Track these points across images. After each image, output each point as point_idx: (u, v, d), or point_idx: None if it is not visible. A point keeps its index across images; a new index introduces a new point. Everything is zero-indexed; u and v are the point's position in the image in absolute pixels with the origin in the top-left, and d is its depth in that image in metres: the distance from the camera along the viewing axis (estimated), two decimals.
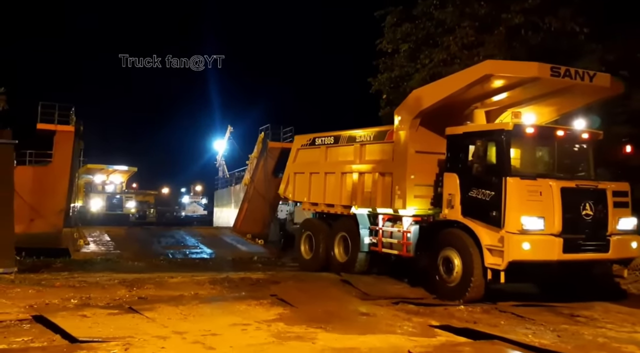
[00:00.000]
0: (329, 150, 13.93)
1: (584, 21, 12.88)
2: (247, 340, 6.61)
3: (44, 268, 14.64)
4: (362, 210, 12.40)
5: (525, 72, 9.70)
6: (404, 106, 11.45)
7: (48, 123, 23.63)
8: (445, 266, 10.01)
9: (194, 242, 25.06)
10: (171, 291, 10.19)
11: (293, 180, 15.28)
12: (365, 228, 12.36)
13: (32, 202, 22.28)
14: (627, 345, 6.95)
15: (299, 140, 15.48)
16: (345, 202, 12.98)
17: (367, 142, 12.62)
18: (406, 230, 11.21)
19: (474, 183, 9.76)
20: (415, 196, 11.06)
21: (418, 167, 11.09)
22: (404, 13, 17.13)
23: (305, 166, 14.77)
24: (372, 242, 12.29)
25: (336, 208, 13.35)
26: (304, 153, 15.03)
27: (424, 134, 11.13)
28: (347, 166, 13.07)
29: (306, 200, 14.65)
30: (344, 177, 13.13)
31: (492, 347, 6.60)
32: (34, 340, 6.40)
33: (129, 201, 42.62)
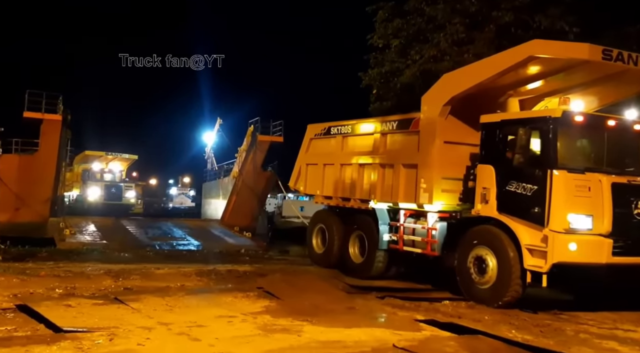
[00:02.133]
0: (345, 140, 13.01)
1: (574, 20, 12.98)
2: (233, 332, 6.62)
3: (29, 257, 14.53)
4: (382, 204, 11.61)
5: (574, 53, 8.79)
6: (433, 91, 10.57)
7: (35, 111, 23.35)
8: (477, 266, 9.27)
9: (182, 233, 24.95)
10: (157, 282, 10.17)
11: (305, 171, 14.38)
12: (385, 225, 11.47)
13: (17, 190, 22.08)
14: (608, 341, 7.06)
15: (312, 129, 14.36)
16: (362, 196, 12.12)
17: (389, 131, 11.67)
18: (431, 227, 10.46)
19: (513, 176, 8.95)
20: (443, 190, 10.29)
21: (446, 159, 10.29)
22: (395, 8, 17.13)
23: (319, 157, 13.88)
24: (392, 239, 11.41)
25: (352, 202, 12.45)
26: (318, 143, 14.07)
27: (453, 123, 10.29)
28: (365, 157, 12.20)
29: (319, 193, 13.73)
30: (362, 169, 12.23)
31: (475, 341, 6.67)
32: (18, 330, 6.36)
33: (129, 191, 40.30)
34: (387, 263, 11.65)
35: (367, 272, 11.66)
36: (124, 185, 40.03)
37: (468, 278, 9.40)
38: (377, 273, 11.61)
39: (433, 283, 10.97)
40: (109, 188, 38.89)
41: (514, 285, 8.71)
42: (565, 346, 6.62)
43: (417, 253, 10.88)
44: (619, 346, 6.88)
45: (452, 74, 10.54)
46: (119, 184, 39.74)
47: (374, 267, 11.61)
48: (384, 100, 17.45)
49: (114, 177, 40.27)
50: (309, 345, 6.14)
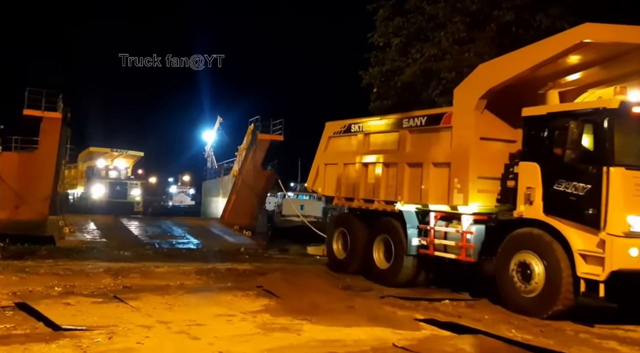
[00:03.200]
0: (367, 138, 12.17)
1: (575, 20, 12.94)
2: (232, 330, 6.61)
3: (28, 255, 14.52)
4: (409, 206, 10.78)
5: (634, 37, 8.02)
6: (468, 84, 9.86)
7: (35, 109, 23.34)
8: (520, 273, 8.50)
9: (181, 232, 24.96)
10: (157, 281, 10.17)
11: (323, 172, 13.51)
12: (413, 228, 10.63)
13: (17, 188, 22.07)
14: (608, 340, 7.05)
15: (331, 127, 13.57)
16: (387, 197, 11.30)
17: (417, 127, 10.83)
18: (466, 231, 9.61)
19: (562, 174, 8.16)
20: (479, 190, 9.50)
21: (482, 157, 9.56)
22: (396, 7, 17.12)
23: (339, 156, 13.01)
24: (421, 244, 10.52)
25: (376, 204, 11.58)
26: (337, 141, 13.22)
27: (489, 118, 9.58)
28: (390, 156, 11.40)
29: (339, 195, 12.85)
30: (387, 168, 11.43)
31: (475, 341, 6.65)
32: (17, 327, 6.35)
33: (134, 188, 38.77)
34: (416, 269, 10.79)
35: (394, 279, 10.80)
36: (129, 182, 38.91)
37: (510, 286, 8.60)
38: (404, 279, 10.74)
39: (470, 292, 10.12)
40: (113, 185, 37.65)
41: (565, 293, 7.92)
42: (565, 346, 6.60)
43: (449, 259, 10.02)
44: (618, 346, 6.87)
45: (489, 64, 9.71)
46: (124, 182, 38.65)
47: (401, 273, 10.74)
48: (385, 99, 17.44)
49: (119, 175, 39.18)
50: (308, 344, 6.13)
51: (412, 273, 10.77)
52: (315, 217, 35.93)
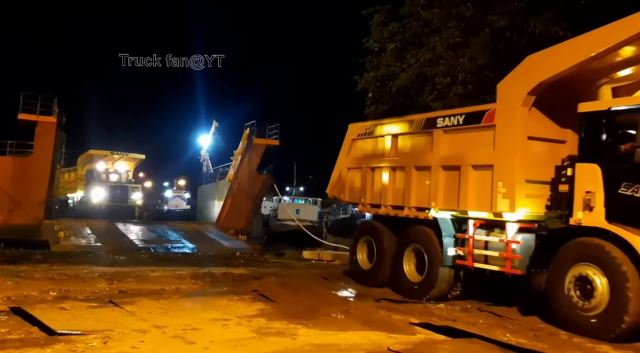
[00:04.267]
0: (396, 140, 11.31)
1: (568, 25, 13.04)
2: (228, 335, 6.61)
3: (23, 260, 14.49)
4: (444, 213, 9.94)
5: None
6: (514, 77, 8.96)
7: (30, 113, 23.33)
8: (579, 289, 7.65)
9: (177, 236, 24.96)
10: (152, 285, 10.15)
11: (346, 177, 12.64)
12: (450, 237, 9.75)
13: (12, 193, 22.05)
14: (601, 345, 7.07)
15: (354, 129, 12.71)
16: (419, 204, 10.45)
17: (454, 127, 9.96)
18: (512, 240, 8.73)
19: (629, 176, 7.34)
20: (527, 195, 8.69)
21: (530, 158, 8.78)
22: (391, 12, 17.20)
23: (363, 160, 12.12)
24: (458, 255, 9.63)
25: (406, 211, 10.70)
26: (362, 144, 12.38)
27: (537, 115, 8.82)
28: (423, 158, 10.54)
29: (364, 201, 11.94)
30: (418, 172, 10.57)
31: (470, 345, 6.67)
32: (11, 332, 6.34)
33: (135, 192, 37.94)
34: (452, 281, 9.91)
35: (427, 292, 9.90)
36: (130, 186, 38.16)
37: (566, 302, 7.74)
38: (439, 293, 9.87)
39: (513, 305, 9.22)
40: (114, 189, 36.84)
41: (634, 311, 7.06)
42: (559, 350, 6.63)
43: (491, 271, 9.11)
44: (612, 350, 6.88)
45: (540, 54, 8.65)
46: (124, 185, 37.87)
47: (435, 287, 9.84)
48: (380, 104, 17.50)
49: (120, 178, 38.33)
50: (303, 348, 6.13)
51: (448, 286, 9.90)
52: (310, 222, 35.98)
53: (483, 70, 14.61)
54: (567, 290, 7.76)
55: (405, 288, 10.46)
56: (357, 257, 12.01)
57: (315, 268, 15.73)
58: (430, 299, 9.72)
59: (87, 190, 36.80)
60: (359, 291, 10.59)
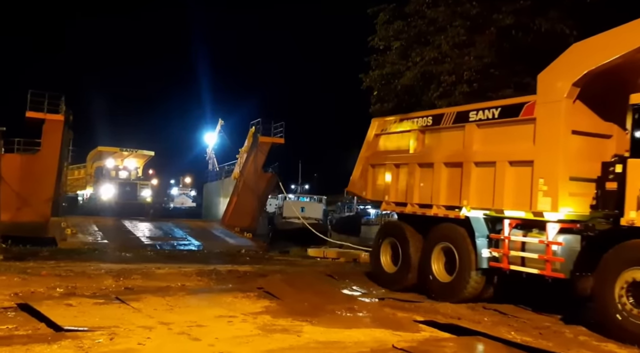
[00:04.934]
0: (425, 135, 10.84)
1: (574, 23, 12.99)
2: (233, 331, 6.65)
3: (30, 256, 14.60)
4: (477, 212, 9.45)
5: None
6: (558, 67, 8.38)
7: (37, 111, 23.46)
8: (632, 295, 7.17)
9: (182, 234, 25.05)
10: (158, 282, 10.22)
11: (369, 174, 12.10)
12: (483, 237, 9.27)
13: (19, 190, 22.17)
14: (607, 343, 7.07)
15: (378, 123, 12.14)
16: (449, 202, 10.00)
17: (488, 121, 9.43)
18: (552, 241, 8.22)
19: None
20: (570, 194, 8.17)
21: (574, 154, 8.27)
22: (396, 11, 17.17)
23: (388, 156, 11.60)
24: (492, 256, 9.16)
25: (435, 209, 10.24)
26: (387, 140, 11.87)
27: (581, 108, 8.30)
28: (453, 154, 10.05)
29: (388, 199, 11.43)
30: (448, 169, 10.08)
31: (475, 343, 6.68)
32: (19, 328, 6.40)
33: (145, 189, 37.12)
34: (484, 283, 9.47)
35: (459, 294, 9.46)
36: (139, 183, 37.42)
37: (616, 310, 7.25)
38: (470, 295, 9.42)
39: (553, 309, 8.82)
40: (123, 186, 36.08)
41: None
42: (564, 348, 6.62)
43: (528, 274, 8.62)
44: (617, 348, 6.88)
45: (587, 42, 8.11)
46: (133, 182, 37.16)
47: (467, 288, 9.39)
48: (385, 102, 17.49)
49: (129, 175, 37.64)
50: (308, 346, 6.16)
51: (480, 287, 9.43)
52: (315, 219, 36.03)
53: (488, 68, 14.58)
54: (618, 297, 7.23)
55: (433, 289, 9.97)
56: (381, 260, 11.42)
57: (320, 265, 15.78)
58: (460, 301, 9.26)
59: (96, 187, 36.34)
60: (364, 289, 10.60)
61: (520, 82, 13.43)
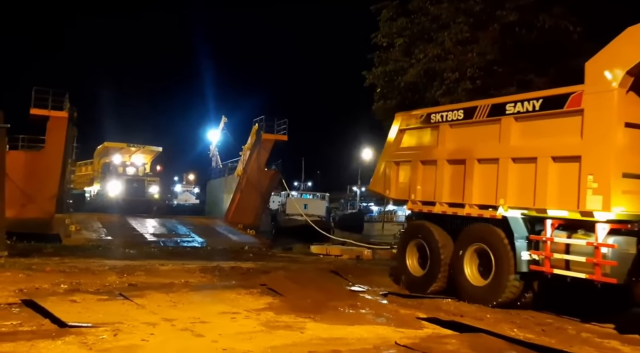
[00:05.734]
0: (455, 131, 10.19)
1: (577, 20, 12.95)
2: (236, 328, 6.67)
3: (35, 253, 14.67)
4: (514, 211, 8.84)
5: None
6: (610, 54, 7.77)
7: (41, 108, 23.52)
8: None
9: (186, 230, 25.13)
10: (161, 278, 10.26)
11: (392, 171, 11.50)
12: (522, 239, 8.62)
13: (24, 187, 22.26)
14: (609, 340, 7.07)
15: (403, 118, 11.50)
16: (483, 201, 9.41)
17: (528, 114, 8.79)
18: (603, 243, 7.59)
19: None
20: (623, 191, 7.57)
21: (627, 149, 7.65)
22: (399, 7, 17.12)
23: (414, 153, 11.00)
24: (533, 259, 8.51)
25: (467, 209, 9.65)
26: (412, 135, 11.25)
27: (635, 99, 7.72)
28: (488, 150, 9.43)
29: (414, 198, 10.86)
30: (482, 165, 9.49)
31: (477, 339, 6.68)
32: (23, 324, 6.43)
33: (152, 185, 36.77)
34: (523, 287, 8.84)
35: (494, 298, 8.86)
36: (146, 179, 37.07)
37: None
38: (507, 300, 8.83)
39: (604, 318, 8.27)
40: (130, 183, 35.75)
41: None
42: (567, 344, 6.62)
43: (573, 279, 7.99)
44: (620, 345, 6.88)
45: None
46: (141, 178, 36.77)
47: (504, 293, 8.79)
48: (388, 99, 17.47)
49: (137, 171, 37.25)
50: (311, 342, 6.17)
51: (518, 292, 8.82)
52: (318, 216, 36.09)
53: (492, 65, 14.54)
54: None
55: (466, 293, 9.35)
56: (407, 263, 10.78)
57: (323, 262, 15.81)
58: (497, 306, 8.72)
59: (104, 183, 35.94)
60: (367, 286, 10.61)
61: (524, 79, 13.40)
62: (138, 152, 38.09)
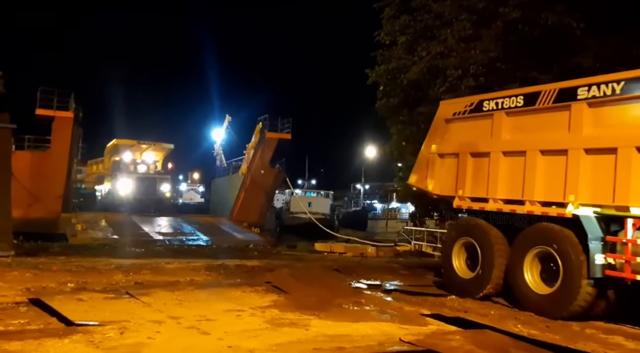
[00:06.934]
0: (513, 119, 9.29)
1: (581, 17, 12.92)
2: (242, 325, 6.71)
3: (42, 252, 14.76)
4: (587, 209, 7.95)
5: None
6: None
7: (47, 108, 23.64)
8: None
9: (191, 229, 25.21)
10: (167, 277, 10.31)
11: (436, 165, 10.67)
12: (597, 241, 7.68)
13: (30, 187, 22.38)
14: (614, 336, 7.08)
15: (448, 107, 10.68)
16: (547, 197, 8.49)
17: (605, 98, 7.89)
18: None
19: None
20: None
21: None
22: (402, 5, 17.13)
23: (462, 144, 10.14)
24: (608, 264, 7.62)
25: (528, 206, 8.72)
26: (460, 125, 10.33)
27: None
28: (554, 140, 8.48)
29: (462, 194, 10.00)
30: (546, 157, 8.56)
31: (481, 336, 6.70)
32: (31, 323, 6.48)
33: (164, 183, 35.84)
34: (596, 296, 7.89)
35: (563, 309, 7.92)
36: (158, 177, 36.14)
37: None
38: (580, 309, 7.87)
39: None
40: (141, 181, 34.74)
41: None
42: (571, 341, 6.63)
43: None
44: (624, 341, 6.89)
45: None
46: (152, 177, 35.79)
47: (576, 301, 7.81)
48: (391, 97, 17.49)
49: (148, 169, 36.24)
50: (316, 339, 6.20)
51: (590, 301, 7.86)
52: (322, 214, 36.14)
53: (494, 62, 14.53)
54: None
55: (527, 302, 8.45)
56: (453, 264, 9.95)
57: (327, 260, 15.85)
58: (566, 318, 7.86)
59: (114, 182, 35.09)
60: (371, 283, 10.64)
61: (527, 76, 13.39)
62: (149, 149, 37.13)
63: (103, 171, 37.56)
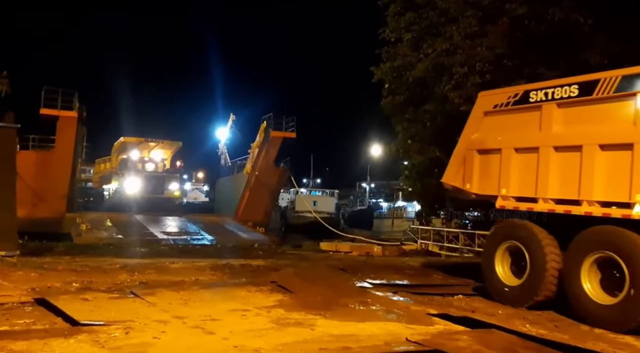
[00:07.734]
0: (566, 111, 8.43)
1: (588, 12, 12.82)
2: (247, 325, 6.66)
3: (46, 252, 14.78)
4: None
5: None
6: None
7: (51, 108, 23.72)
8: None
9: (196, 228, 25.25)
10: (172, 276, 10.28)
11: (475, 162, 9.84)
12: None
13: (35, 186, 22.47)
14: (623, 335, 7.00)
15: (488, 99, 9.88)
16: (608, 196, 7.69)
17: None
18: None
19: None
20: None
21: None
22: (407, 2, 17.09)
23: (505, 139, 9.31)
24: None
25: (585, 206, 7.89)
26: (502, 118, 9.49)
27: None
28: (615, 133, 7.68)
29: (505, 193, 9.17)
30: (606, 153, 7.75)
31: (489, 335, 6.63)
32: (36, 323, 6.46)
33: (172, 182, 35.52)
34: None
35: (630, 320, 7.11)
36: (166, 175, 35.67)
37: None
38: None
39: None
40: (149, 179, 34.19)
41: None
42: (580, 340, 6.55)
43: None
44: (634, 341, 6.81)
45: None
46: (160, 175, 35.27)
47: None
48: (396, 95, 17.46)
49: (156, 167, 35.72)
50: (322, 339, 6.15)
51: None
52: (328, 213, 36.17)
53: (501, 59, 14.46)
54: None
55: (586, 312, 7.66)
56: (496, 270, 9.08)
57: (332, 259, 15.81)
58: (631, 332, 7.10)
59: (122, 180, 34.59)
60: (377, 282, 10.59)
61: (534, 73, 13.31)
62: (157, 147, 36.58)
63: (111, 169, 37.27)
